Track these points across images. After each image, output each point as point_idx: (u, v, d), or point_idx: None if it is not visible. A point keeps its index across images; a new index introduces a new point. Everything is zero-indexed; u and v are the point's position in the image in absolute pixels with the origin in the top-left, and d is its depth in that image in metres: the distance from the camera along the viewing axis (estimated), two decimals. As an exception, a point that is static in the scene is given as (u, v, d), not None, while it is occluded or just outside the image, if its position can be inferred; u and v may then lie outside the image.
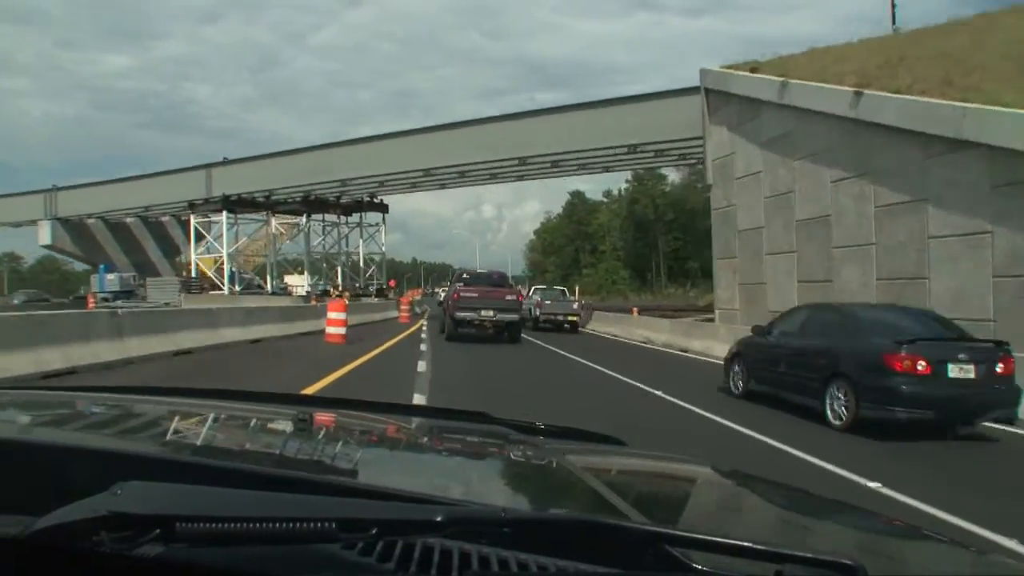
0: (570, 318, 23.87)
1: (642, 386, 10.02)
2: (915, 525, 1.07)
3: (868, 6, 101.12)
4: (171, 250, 45.23)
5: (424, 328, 23.92)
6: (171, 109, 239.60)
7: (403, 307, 28.60)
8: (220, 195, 34.56)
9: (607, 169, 35.84)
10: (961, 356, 6.80)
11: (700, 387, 10.04)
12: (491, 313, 17.82)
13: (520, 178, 38.20)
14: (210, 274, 35.38)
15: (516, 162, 28.89)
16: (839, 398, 7.19)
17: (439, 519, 0.68)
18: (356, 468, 1.19)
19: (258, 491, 0.77)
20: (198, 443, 1.29)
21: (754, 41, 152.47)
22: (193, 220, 35.51)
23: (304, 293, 41.19)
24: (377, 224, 46.09)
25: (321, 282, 45.29)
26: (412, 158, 28.91)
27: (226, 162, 34.27)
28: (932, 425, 6.68)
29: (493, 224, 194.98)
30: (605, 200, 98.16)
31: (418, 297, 54.92)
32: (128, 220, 44.68)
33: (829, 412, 7.27)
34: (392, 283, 77.00)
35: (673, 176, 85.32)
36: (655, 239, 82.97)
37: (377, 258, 47.08)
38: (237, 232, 40.27)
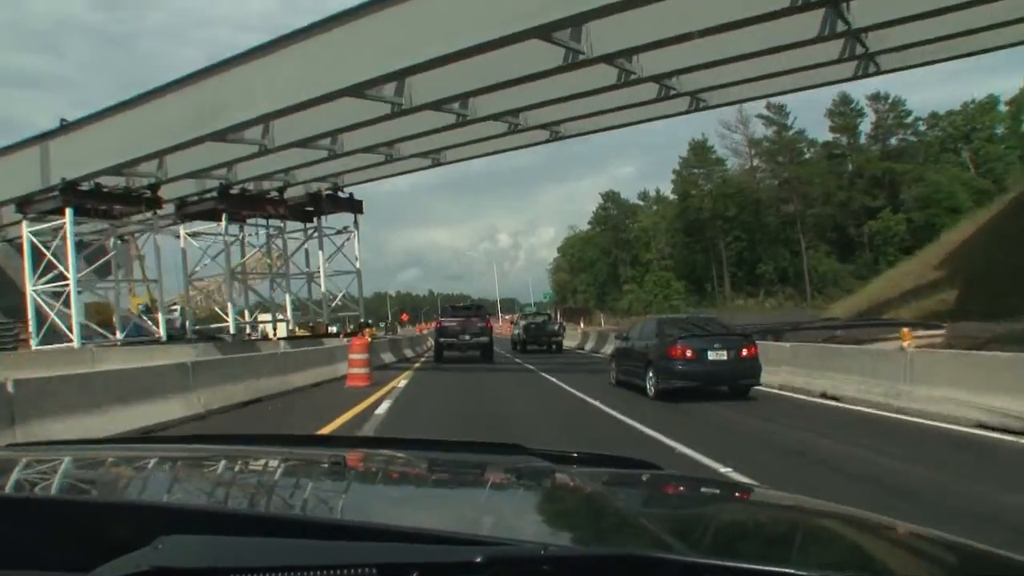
0: (554, 339, 27.85)
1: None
2: (972, 542, 0.99)
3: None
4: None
5: (390, 406, 10.24)
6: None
7: (355, 356, 14.39)
8: (60, 181, 20.78)
9: (729, 103, 21.48)
10: (716, 345, 10.63)
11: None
12: (467, 338, 22.10)
13: (555, 132, 24.01)
14: (53, 315, 21.58)
15: (560, 59, 14.62)
16: (651, 378, 10.93)
17: (479, 560, 0.69)
18: (393, 509, 1.19)
19: (297, 539, 0.78)
20: (234, 492, 1.29)
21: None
22: (26, 229, 21.90)
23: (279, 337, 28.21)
24: (347, 229, 32.38)
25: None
26: (372, 57, 14.80)
27: (65, 126, 20.54)
28: (701, 390, 10.49)
29: (510, 253, 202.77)
30: (642, 203, 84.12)
31: (421, 332, 40.66)
32: (-10, 246, 31.11)
33: (647, 388, 11.00)
34: (405, 316, 64.08)
35: (732, 161, 70.56)
36: (713, 241, 68.33)
37: (347, 281, 32.91)
38: (114, 244, 26.75)
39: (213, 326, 31.22)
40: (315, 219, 31.43)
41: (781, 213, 64.44)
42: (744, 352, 10.60)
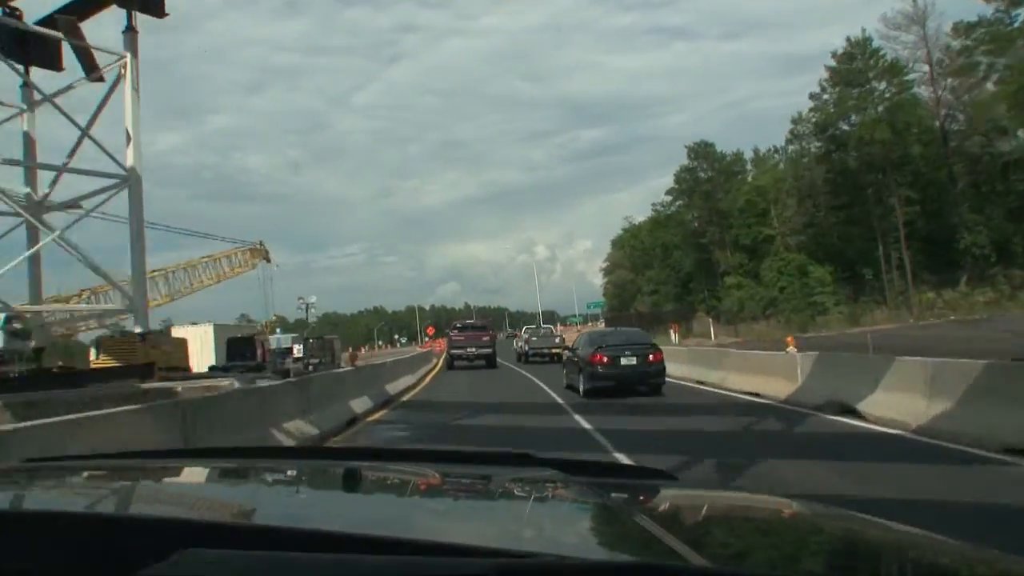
0: (554, 351, 30.03)
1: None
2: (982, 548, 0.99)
3: None
4: None
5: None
6: (223, 180, 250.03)
7: None
8: None
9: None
10: (627, 352, 14.36)
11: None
12: (473, 349, 28.64)
13: None
14: None
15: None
16: (582, 380, 14.72)
17: (496, 572, 0.71)
18: (408, 521, 1.21)
19: (312, 553, 0.80)
20: (249, 505, 1.33)
21: (793, 58, 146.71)
22: None
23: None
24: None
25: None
26: None
27: None
28: (617, 389, 14.13)
29: (547, 265, 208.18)
30: (744, 168, 60.42)
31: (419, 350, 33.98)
32: None
33: (579, 387, 14.89)
34: (431, 330, 60.20)
35: (917, 83, 45.78)
36: (873, 205, 44.60)
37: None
38: None
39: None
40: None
41: (997, 155, 40.47)
42: (651, 358, 14.49)
